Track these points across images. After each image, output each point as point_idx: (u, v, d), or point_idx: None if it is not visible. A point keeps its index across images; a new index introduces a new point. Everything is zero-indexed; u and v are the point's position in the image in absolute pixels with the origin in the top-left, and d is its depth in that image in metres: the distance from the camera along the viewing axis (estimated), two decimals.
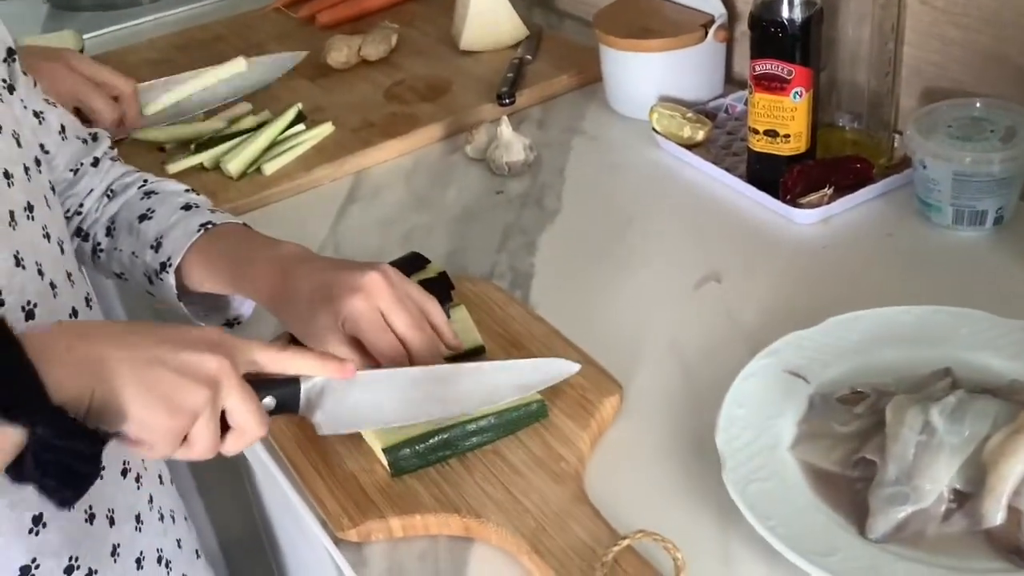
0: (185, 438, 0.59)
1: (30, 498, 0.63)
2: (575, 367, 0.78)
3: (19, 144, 0.70)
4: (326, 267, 0.77)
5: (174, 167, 1.17)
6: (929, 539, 0.64)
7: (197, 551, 0.88)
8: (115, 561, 0.73)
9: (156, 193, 0.87)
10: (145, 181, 0.90)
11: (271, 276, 0.77)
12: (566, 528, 0.68)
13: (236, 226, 0.84)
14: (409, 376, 0.73)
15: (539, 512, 0.69)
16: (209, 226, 0.82)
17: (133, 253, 0.85)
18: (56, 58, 1.15)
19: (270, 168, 1.16)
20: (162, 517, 0.81)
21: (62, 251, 0.73)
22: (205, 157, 1.17)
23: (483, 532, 0.70)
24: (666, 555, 0.64)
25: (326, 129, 1.21)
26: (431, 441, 0.73)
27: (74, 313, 0.73)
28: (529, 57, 1.32)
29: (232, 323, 0.90)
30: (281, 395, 0.66)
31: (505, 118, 1.13)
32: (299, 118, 1.21)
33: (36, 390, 0.53)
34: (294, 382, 0.67)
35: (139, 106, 1.24)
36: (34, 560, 0.66)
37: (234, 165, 1.15)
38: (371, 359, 0.75)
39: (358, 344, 0.75)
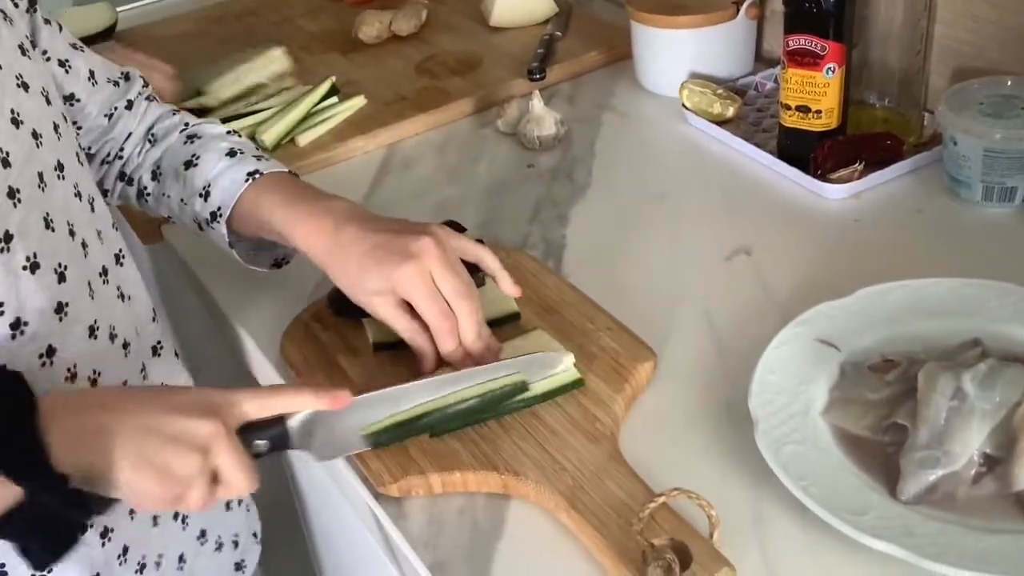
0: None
1: None
2: (568, 358, 0.77)
3: (48, 101, 0.70)
4: (379, 227, 0.77)
5: None
6: (959, 501, 0.65)
7: (229, 503, 0.89)
8: (131, 519, 0.74)
9: (199, 137, 0.87)
10: (186, 124, 0.89)
11: (322, 232, 0.78)
12: (602, 486, 0.69)
13: (283, 175, 0.84)
14: (402, 392, 0.72)
15: (576, 470, 0.71)
16: (257, 175, 0.82)
17: (182, 200, 0.85)
18: None
19: (304, 139, 1.17)
20: None
21: (93, 208, 0.74)
22: (240, 126, 1.19)
23: (521, 489, 0.72)
24: (701, 513, 0.65)
25: (359, 102, 1.22)
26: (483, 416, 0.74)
27: (104, 272, 0.73)
28: (559, 33, 1.33)
29: (280, 263, 0.90)
30: (271, 436, 0.67)
31: (537, 92, 1.14)
32: (332, 91, 1.22)
33: (44, 458, 0.55)
34: (280, 422, 0.67)
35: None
36: None
37: (269, 136, 1.16)
38: (419, 321, 0.76)
39: (407, 307, 0.76)
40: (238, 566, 0.89)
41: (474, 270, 0.85)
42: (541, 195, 1.06)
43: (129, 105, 0.88)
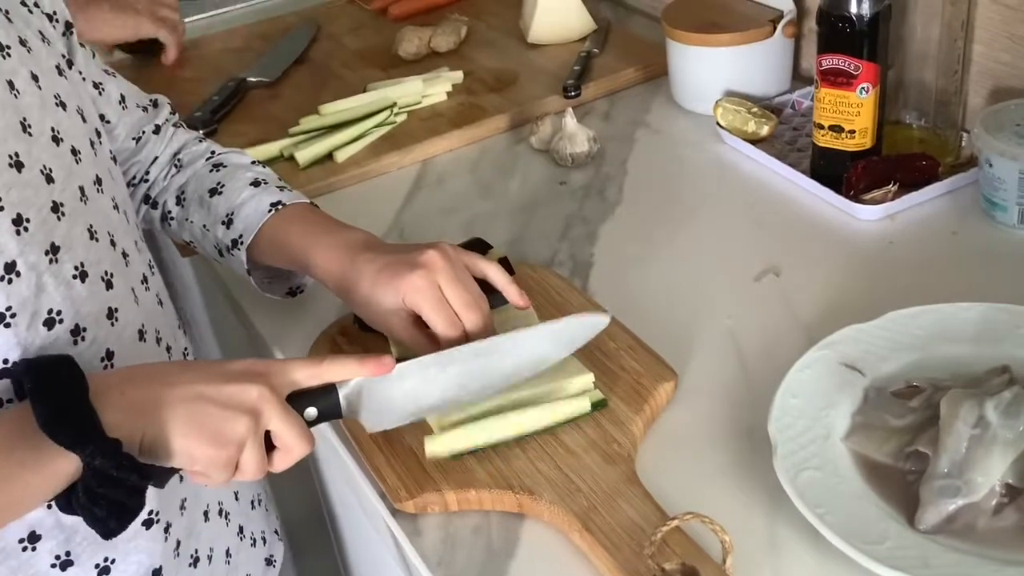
0: (237, 465, 0.63)
1: None
2: (606, 319, 0.77)
3: (84, 119, 0.73)
4: (388, 250, 0.80)
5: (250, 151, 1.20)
6: (979, 532, 0.64)
7: (253, 502, 0.91)
8: (182, 514, 0.76)
9: (224, 166, 0.90)
10: (212, 152, 0.92)
11: (338, 260, 0.80)
12: (616, 508, 0.69)
13: (305, 206, 0.87)
14: (445, 358, 0.73)
15: (591, 491, 0.71)
16: (279, 206, 0.85)
17: (204, 226, 0.88)
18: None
19: (342, 155, 1.19)
20: None
21: (127, 220, 0.76)
22: (277, 147, 1.21)
23: (535, 509, 0.72)
24: (714, 537, 0.65)
25: (398, 118, 1.24)
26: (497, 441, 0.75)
27: (144, 280, 0.76)
28: (596, 50, 1.33)
29: (295, 292, 0.92)
30: (322, 405, 0.68)
31: (570, 110, 1.14)
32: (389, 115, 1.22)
33: (96, 425, 0.58)
34: (332, 390, 0.69)
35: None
36: None
37: (303, 155, 1.18)
38: (433, 338, 0.77)
39: (420, 323, 0.77)
40: (268, 561, 0.92)
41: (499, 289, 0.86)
42: (572, 212, 1.07)
43: (157, 130, 0.91)
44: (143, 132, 0.90)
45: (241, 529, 0.86)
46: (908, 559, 0.62)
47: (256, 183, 0.87)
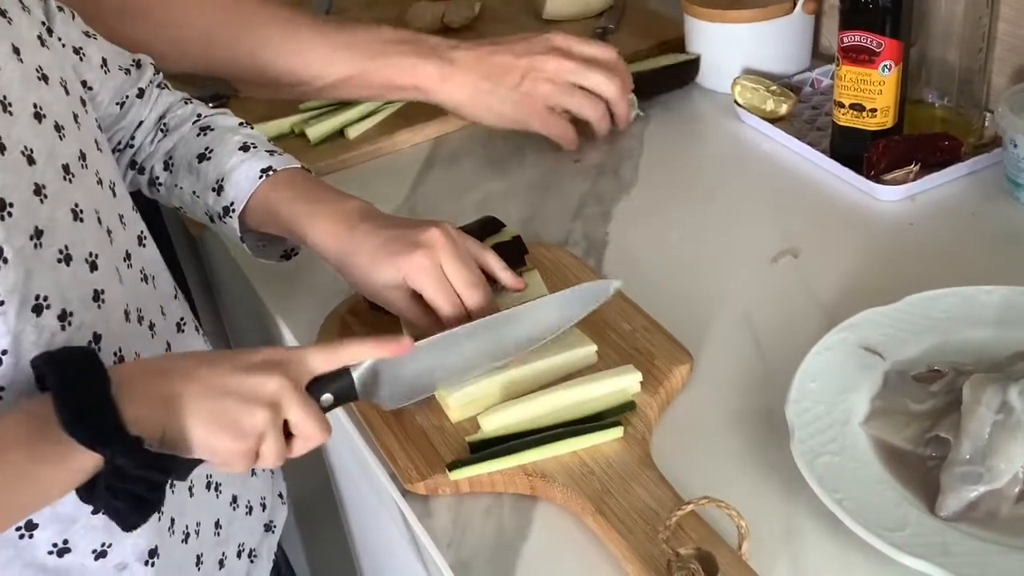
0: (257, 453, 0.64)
1: None
2: (617, 283, 0.78)
3: (67, 91, 0.71)
4: (388, 224, 0.79)
5: (259, 127, 1.19)
6: (1001, 519, 0.63)
7: (252, 469, 0.90)
8: (172, 492, 0.75)
9: (212, 129, 0.87)
10: (199, 115, 0.89)
11: (335, 231, 0.79)
12: (630, 491, 0.68)
13: (297, 171, 0.84)
14: (460, 334, 0.73)
15: (604, 474, 0.70)
16: (271, 171, 0.83)
17: (194, 192, 0.86)
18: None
19: (353, 132, 1.17)
20: None
21: (114, 194, 0.75)
22: (288, 123, 1.19)
23: (548, 491, 0.71)
24: (730, 522, 0.64)
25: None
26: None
27: (127, 256, 0.74)
28: (612, 26, 1.31)
29: (289, 254, 0.90)
30: (336, 389, 0.68)
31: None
32: None
33: (117, 423, 0.58)
34: (346, 373, 0.69)
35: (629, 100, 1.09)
36: None
37: (314, 132, 1.16)
38: (432, 315, 0.76)
39: (419, 299, 0.76)
40: (267, 527, 0.91)
41: (512, 268, 0.84)
42: (585, 191, 1.05)
43: (140, 93, 0.87)
44: (127, 96, 0.86)
45: (235, 499, 0.85)
46: (928, 546, 0.61)
47: (245, 147, 0.85)
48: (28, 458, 0.58)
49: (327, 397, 0.68)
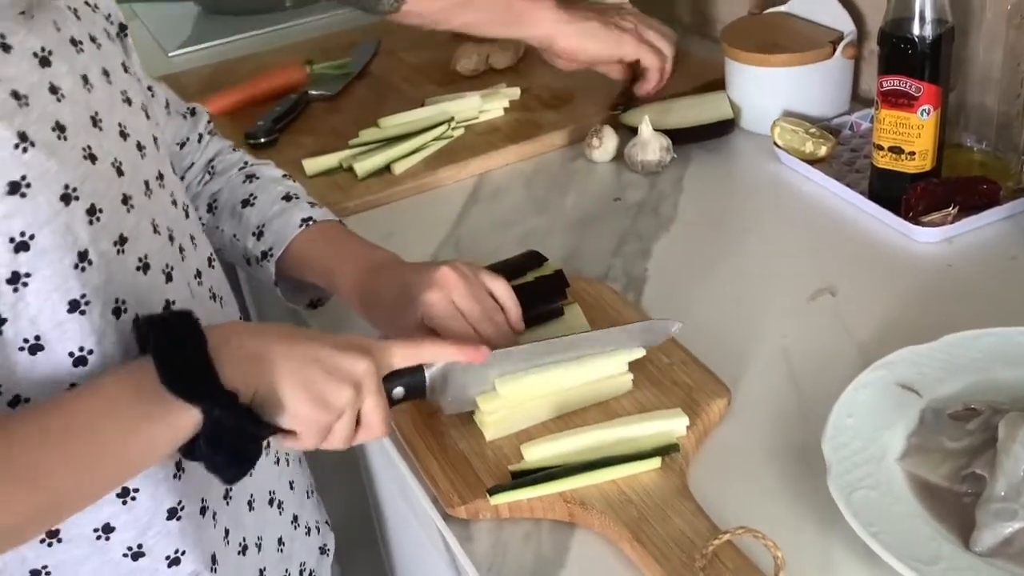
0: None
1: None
2: (677, 324, 0.81)
3: (147, 116, 0.75)
4: (406, 271, 0.84)
5: (310, 162, 1.22)
6: None
7: (308, 491, 0.93)
8: (227, 504, 0.78)
9: (257, 178, 0.93)
10: (245, 163, 0.94)
11: (360, 280, 0.84)
12: (668, 520, 0.69)
13: (334, 224, 0.90)
14: (530, 351, 0.78)
15: (642, 503, 0.71)
16: (311, 222, 0.88)
17: (234, 236, 0.91)
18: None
19: (399, 167, 1.20)
20: (277, 461, 0.86)
21: (187, 215, 0.79)
22: (337, 158, 1.23)
23: (586, 518, 0.72)
24: (766, 553, 0.65)
25: (455, 132, 1.25)
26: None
27: (198, 274, 0.78)
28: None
29: (315, 304, 0.95)
30: (409, 384, 0.73)
31: (647, 117, 1.15)
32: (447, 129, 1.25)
33: (214, 379, 0.61)
34: (419, 370, 0.73)
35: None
36: (179, 503, 0.71)
37: (362, 167, 1.19)
38: None
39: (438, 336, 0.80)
40: (322, 549, 0.94)
41: (553, 301, 0.87)
42: (626, 228, 1.07)
43: (199, 138, 0.94)
44: (187, 139, 0.93)
45: (295, 518, 0.88)
46: None
47: (288, 198, 0.90)
48: (135, 414, 0.61)
49: (399, 391, 0.72)
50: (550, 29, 1.15)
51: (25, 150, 0.60)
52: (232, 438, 0.62)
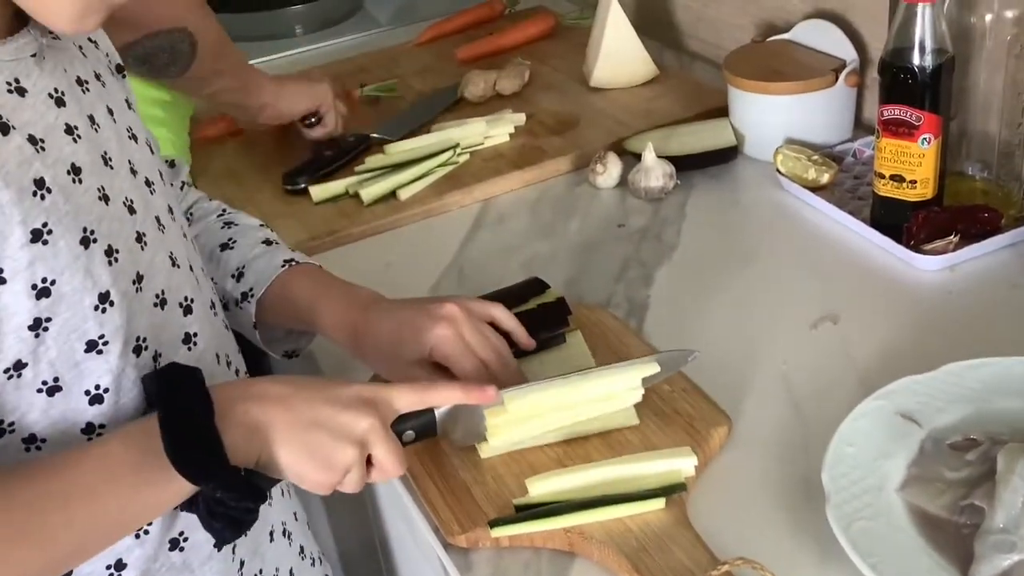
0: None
1: None
2: (695, 353, 0.82)
3: (152, 151, 0.76)
4: (403, 306, 0.84)
5: (316, 188, 1.23)
6: None
7: (307, 522, 0.93)
8: (246, 535, 0.78)
9: (235, 224, 0.93)
10: (224, 211, 0.95)
11: (350, 317, 0.84)
12: (667, 550, 0.70)
13: (313, 267, 0.90)
14: (543, 386, 0.78)
15: (641, 533, 0.71)
16: (292, 263, 0.88)
17: (212, 279, 0.89)
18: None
19: (405, 193, 1.21)
20: (283, 492, 0.87)
21: (194, 247, 0.80)
22: (343, 184, 1.24)
23: (586, 548, 0.72)
24: None
25: (461, 158, 1.26)
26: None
27: (213, 305, 0.79)
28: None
29: (290, 355, 0.94)
30: (419, 426, 0.74)
31: (650, 144, 1.16)
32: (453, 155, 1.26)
33: (220, 460, 0.62)
34: (429, 412, 0.74)
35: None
36: (181, 533, 0.71)
37: (368, 193, 1.20)
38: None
39: (443, 370, 0.81)
40: None
41: (556, 328, 0.87)
42: (629, 255, 1.08)
43: (183, 186, 0.94)
44: (171, 184, 0.91)
45: (302, 549, 0.88)
46: None
47: (268, 242, 0.91)
48: (138, 480, 0.62)
49: (409, 433, 0.73)
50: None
51: (43, 197, 0.61)
52: (230, 511, 0.63)
